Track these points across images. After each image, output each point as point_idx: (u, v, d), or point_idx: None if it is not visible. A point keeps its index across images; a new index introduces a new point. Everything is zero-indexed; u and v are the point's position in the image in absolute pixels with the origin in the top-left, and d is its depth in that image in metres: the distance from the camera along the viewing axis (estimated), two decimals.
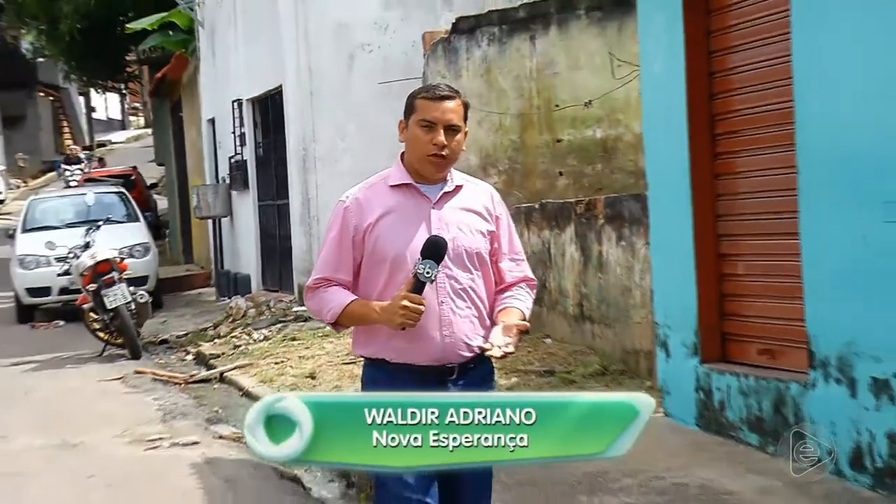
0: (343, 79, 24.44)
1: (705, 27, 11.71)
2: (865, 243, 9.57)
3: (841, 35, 9.85)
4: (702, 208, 11.72)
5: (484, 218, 6.38)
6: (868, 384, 9.67)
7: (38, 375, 21.43)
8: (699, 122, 11.71)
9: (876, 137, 9.44)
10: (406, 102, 6.35)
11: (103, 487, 12.67)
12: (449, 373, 6.27)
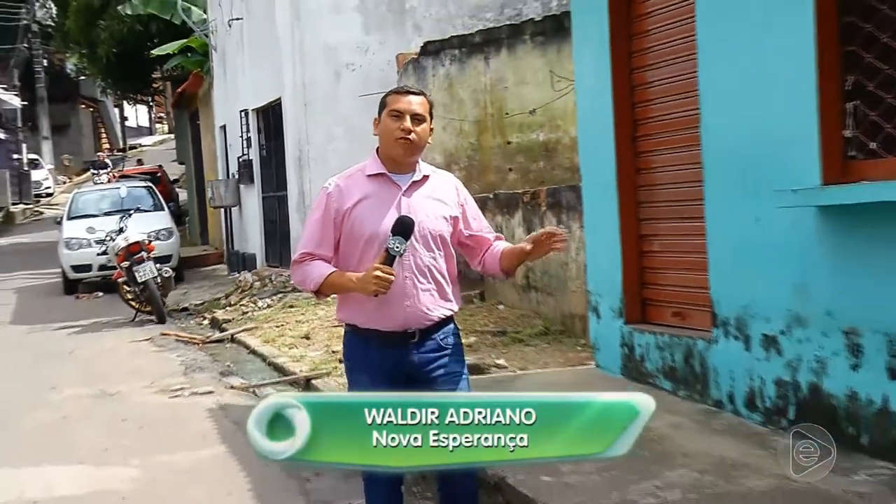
0: (331, 92, 24.42)
1: (628, 49, 11.73)
2: (758, 225, 9.62)
3: (734, 56, 9.89)
4: (625, 197, 11.76)
5: (448, 205, 6.35)
6: (760, 340, 9.75)
7: (81, 337, 21.38)
8: (623, 126, 11.74)
9: (764, 138, 9.50)
10: (380, 102, 6.39)
11: (135, 429, 12.68)
12: (410, 337, 6.22)
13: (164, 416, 13.47)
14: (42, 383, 16.28)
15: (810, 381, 9.19)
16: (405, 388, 6.12)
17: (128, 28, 39.17)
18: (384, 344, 6.17)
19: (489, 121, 20.93)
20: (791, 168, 9.09)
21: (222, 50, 31.51)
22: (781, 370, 9.52)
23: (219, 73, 32.59)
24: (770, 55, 9.37)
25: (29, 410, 14.40)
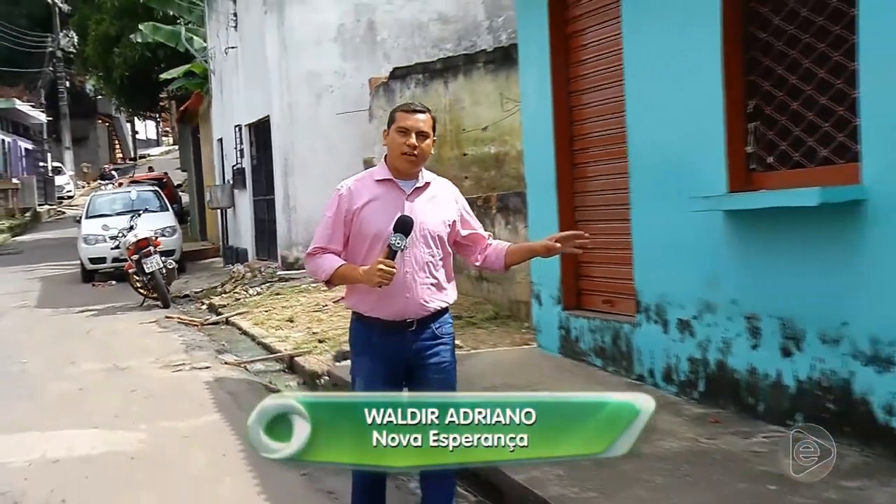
0: (313, 111, 24.37)
1: (566, 76, 11.74)
2: (675, 226, 9.68)
3: (655, 83, 9.92)
4: (563, 201, 11.78)
5: (447, 209, 6.28)
6: (675, 324, 9.81)
7: (97, 319, 21.30)
8: (562, 141, 11.75)
9: (680, 153, 9.55)
10: (389, 115, 6.28)
11: (142, 399, 12.67)
12: (409, 326, 6.08)
13: (168, 388, 13.45)
14: (63, 358, 16.25)
15: (717, 359, 9.26)
16: (403, 371, 6.09)
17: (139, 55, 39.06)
18: (385, 331, 6.05)
19: (448, 136, 20.90)
20: (702, 178, 9.14)
21: (219, 74, 31.43)
22: (693, 349, 9.60)
23: (216, 94, 32.50)
24: (685, 83, 9.43)
25: (51, 382, 14.36)
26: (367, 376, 6.01)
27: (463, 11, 24.36)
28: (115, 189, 39.13)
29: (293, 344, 15.69)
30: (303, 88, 24.48)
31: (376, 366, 6.01)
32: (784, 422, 8.39)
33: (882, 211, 7.38)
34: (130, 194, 33.25)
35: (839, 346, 7.84)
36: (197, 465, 9.58)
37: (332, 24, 24.42)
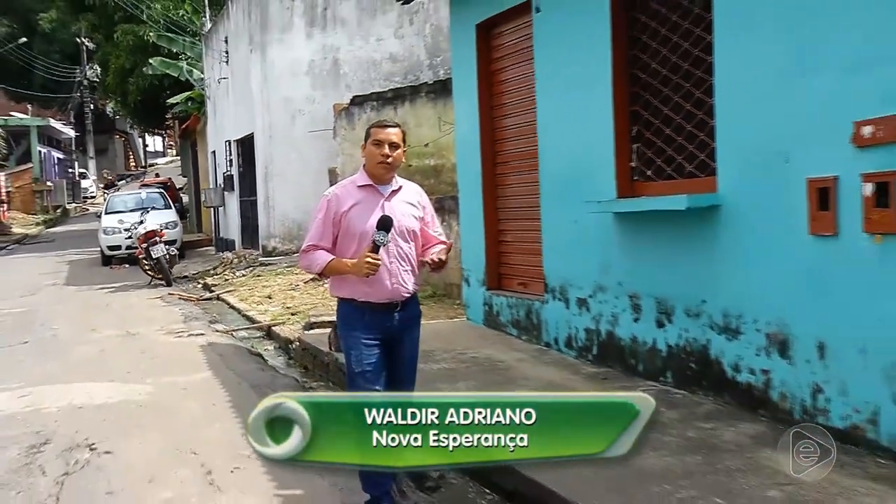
0: (288, 129, 24.29)
1: (490, 104, 11.71)
2: (575, 224, 9.69)
3: (561, 111, 9.92)
4: (488, 204, 11.77)
5: (416, 207, 6.17)
6: (575, 301, 9.84)
7: (114, 295, 21.16)
8: (487, 156, 11.74)
9: (579, 166, 9.56)
10: (365, 131, 6.17)
11: (149, 359, 12.60)
12: (395, 307, 6.00)
13: (170, 350, 13.39)
14: (86, 326, 16.13)
15: (607, 329, 9.31)
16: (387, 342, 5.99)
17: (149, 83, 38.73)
18: (375, 311, 5.92)
19: None
20: (597, 186, 9.18)
21: (213, 99, 31.25)
22: (589, 322, 9.63)
23: (210, 115, 32.31)
24: (584, 112, 9.45)
25: (77, 345, 14.27)
26: (362, 346, 5.90)
27: (409, 52, 24.36)
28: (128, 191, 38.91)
29: (271, 316, 15.63)
30: (280, 111, 24.40)
31: (368, 336, 5.91)
32: (658, 378, 8.49)
33: (732, 214, 7.47)
34: (141, 195, 33.06)
35: (699, 319, 7.91)
36: (192, 412, 9.55)
37: (304, 60, 24.35)
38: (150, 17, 36.24)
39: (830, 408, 6.57)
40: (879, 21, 6.08)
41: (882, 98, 6.05)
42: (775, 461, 6.11)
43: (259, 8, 24.36)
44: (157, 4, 36.35)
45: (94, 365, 12.51)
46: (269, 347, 13.64)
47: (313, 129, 23.95)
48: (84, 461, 7.85)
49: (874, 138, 6.12)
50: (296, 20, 24.38)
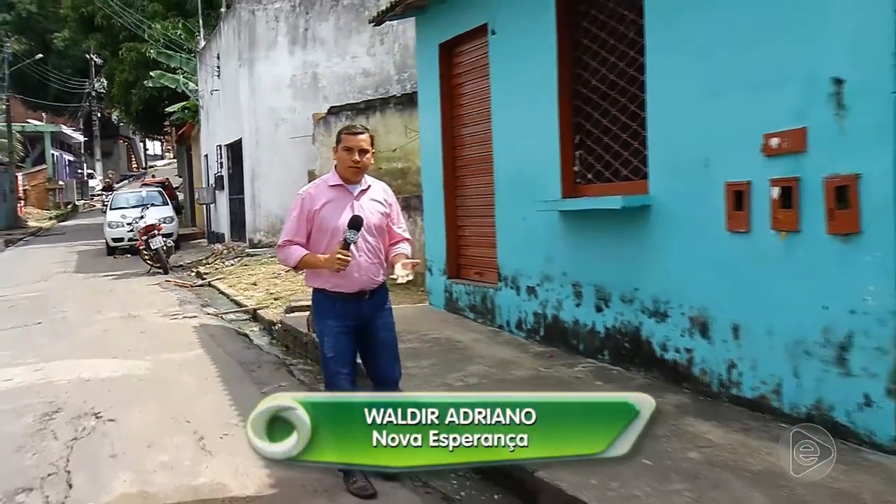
0: (272, 135, 24.19)
1: (450, 114, 11.73)
2: (525, 221, 9.72)
3: (513, 122, 9.95)
4: (449, 203, 11.79)
5: (383, 205, 6.00)
6: (525, 289, 9.87)
7: (117, 282, 21.03)
8: (448, 161, 11.77)
9: (529, 170, 9.59)
10: (336, 136, 6.02)
11: (148, 338, 12.54)
12: (363, 295, 5.85)
13: (166, 331, 13.32)
14: (92, 309, 16.03)
15: (553, 313, 9.35)
16: (359, 328, 5.85)
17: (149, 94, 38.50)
18: (346, 300, 5.79)
19: None
20: (544, 188, 9.22)
21: (206, 108, 31.06)
22: (537, 307, 9.68)
23: (204, 122, 32.11)
24: (533, 122, 9.49)
25: (84, 325, 14.18)
26: (335, 333, 5.77)
27: (380, 68, 24.31)
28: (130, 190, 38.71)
29: (256, 301, 15.55)
30: (265, 119, 24.30)
31: (339, 324, 5.79)
32: (596, 356, 8.53)
33: (661, 213, 7.52)
34: (141, 193, 32.84)
35: (633, 304, 7.97)
36: (186, 385, 9.51)
37: (286, 75, 24.26)
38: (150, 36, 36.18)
39: (742, 381, 6.65)
40: (784, 50, 6.16)
41: (786, 114, 6.13)
42: (696, 427, 6.19)
43: (247, 28, 24.27)
44: (157, 25, 36.30)
45: (99, 343, 12.45)
46: (255, 328, 13.58)
47: (294, 135, 23.88)
48: (91, 428, 7.84)
49: (780, 149, 6.20)
50: (280, 39, 24.30)
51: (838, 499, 4.79)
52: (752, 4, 6.50)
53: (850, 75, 5.70)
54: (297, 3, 24.55)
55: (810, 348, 6.02)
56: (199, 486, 6.09)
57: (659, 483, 5.08)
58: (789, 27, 6.14)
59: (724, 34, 6.77)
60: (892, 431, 5.45)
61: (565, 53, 9.01)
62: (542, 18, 9.21)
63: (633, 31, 7.99)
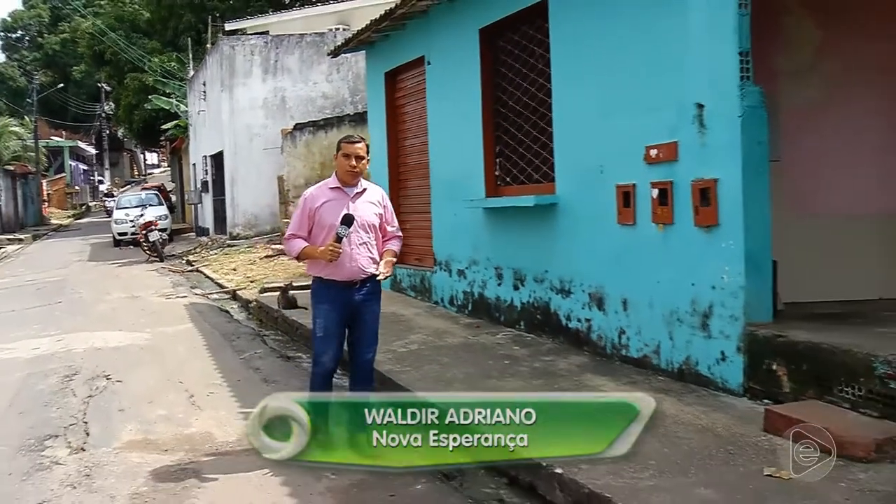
0: (248, 147, 23.91)
1: (395, 129, 11.69)
2: (455, 216, 9.73)
3: (445, 134, 9.97)
4: (393, 201, 11.39)
5: (377, 206, 5.61)
6: (456, 271, 9.88)
7: (122, 268, 20.70)
8: (392, 167, 11.73)
9: (459, 174, 9.60)
10: (337, 145, 5.64)
11: (148, 314, 12.37)
12: (354, 284, 5.46)
13: (163, 308, 13.15)
14: (103, 291, 15.78)
15: (479, 292, 9.36)
16: (349, 314, 5.45)
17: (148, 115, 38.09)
18: (339, 288, 5.42)
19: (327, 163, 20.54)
20: (471, 189, 9.23)
21: (195, 125, 30.65)
22: (465, 286, 9.68)
23: (192, 137, 31.68)
24: (461, 136, 9.48)
25: (96, 304, 13.96)
26: (326, 316, 5.42)
27: (336, 92, 24.15)
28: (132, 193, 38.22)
29: (235, 283, 15.38)
30: (242, 134, 24.03)
31: (332, 309, 5.43)
32: (514, 326, 8.56)
33: (565, 210, 7.57)
34: (141, 195, 32.37)
35: (543, 284, 8.01)
36: (179, 352, 9.42)
37: (260, 97, 24.01)
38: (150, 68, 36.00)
39: (630, 344, 6.72)
40: (661, 81, 6.22)
41: (663, 131, 6.19)
42: (594, 382, 6.23)
43: (228, 60, 24.03)
44: (155, 58, 36.20)
45: (108, 319, 12.27)
46: (234, 306, 13.43)
47: (266, 147, 23.69)
48: (103, 387, 7.76)
49: (658, 158, 6.26)
50: (254, 69, 24.08)
51: (700, 432, 4.86)
52: (635, 44, 6.54)
53: (708, 101, 5.78)
54: (269, 40, 24.37)
55: (681, 317, 6.10)
56: (190, 434, 6.05)
57: None
58: (664, 63, 6.20)
59: (615, 67, 6.82)
60: (741, 379, 5.54)
61: (487, 80, 9.03)
62: (469, 52, 9.21)
63: (541, 62, 8.02)
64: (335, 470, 5.05)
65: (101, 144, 69.65)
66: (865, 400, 4.68)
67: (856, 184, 6.86)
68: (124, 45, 39.66)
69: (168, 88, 34.05)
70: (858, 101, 6.86)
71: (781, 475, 4.08)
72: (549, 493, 4.37)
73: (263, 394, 7.07)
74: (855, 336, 5.19)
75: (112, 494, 4.86)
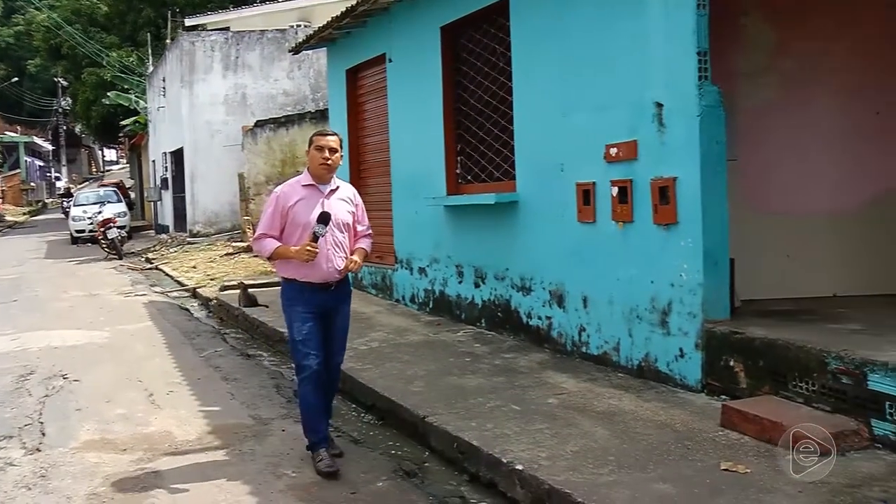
0: (208, 144, 23.73)
1: (356, 126, 11.67)
2: (417, 214, 9.74)
3: (406, 133, 9.98)
4: None
5: (349, 204, 5.35)
6: (417, 269, 9.88)
7: (80, 266, 20.47)
8: (353, 164, 11.66)
9: (420, 172, 9.61)
10: (309, 139, 5.39)
11: (106, 312, 12.25)
12: (330, 286, 5.18)
13: (122, 306, 13.02)
14: (60, 288, 15.58)
15: (440, 289, 9.38)
16: (323, 315, 5.20)
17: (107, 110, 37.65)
18: (313, 290, 5.16)
19: (287, 160, 20.56)
20: (433, 187, 9.24)
21: (154, 122, 30.31)
22: (427, 284, 9.69)
23: (152, 133, 31.33)
24: (423, 133, 9.49)
25: (53, 301, 13.82)
26: (302, 318, 5.13)
27: (298, 89, 24.04)
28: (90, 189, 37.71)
29: (195, 281, 15.27)
30: (203, 131, 23.85)
31: (307, 311, 5.16)
32: (475, 323, 8.58)
33: (526, 207, 7.60)
34: (99, 192, 31.96)
35: (504, 281, 8.04)
36: (138, 350, 9.32)
37: (220, 93, 23.82)
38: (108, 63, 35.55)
39: (590, 341, 6.76)
40: (620, 80, 6.27)
41: (622, 129, 6.24)
42: (554, 379, 6.27)
43: (188, 56, 23.80)
44: (114, 53, 35.73)
45: (66, 317, 12.12)
46: (194, 304, 13.34)
47: (227, 144, 23.52)
48: (59, 387, 7.64)
49: (618, 156, 6.31)
50: (215, 65, 23.88)
51: (659, 428, 4.90)
52: (595, 42, 6.59)
53: (667, 101, 5.83)
54: (230, 36, 24.20)
55: (641, 314, 6.15)
56: (149, 434, 5.98)
57: (525, 423, 5.14)
58: (624, 62, 6.24)
59: (575, 66, 6.86)
60: (699, 375, 5.61)
61: (449, 78, 9.04)
62: (430, 50, 9.22)
63: (503, 61, 8.05)
64: (296, 468, 5.10)
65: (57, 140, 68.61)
66: (819, 395, 4.76)
67: (811, 183, 6.97)
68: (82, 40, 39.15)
69: (127, 84, 33.71)
70: (814, 102, 6.97)
71: (738, 469, 4.14)
72: (510, 490, 4.40)
73: (224, 392, 7.15)
74: (809, 333, 5.28)
75: (68, 495, 4.79)
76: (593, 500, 3.88)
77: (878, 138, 7.05)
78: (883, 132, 7.05)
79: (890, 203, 7.07)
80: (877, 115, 7.05)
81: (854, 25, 6.97)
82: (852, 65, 6.97)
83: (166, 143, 27.85)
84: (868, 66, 6.98)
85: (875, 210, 7.05)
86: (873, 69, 6.99)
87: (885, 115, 7.06)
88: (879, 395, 4.41)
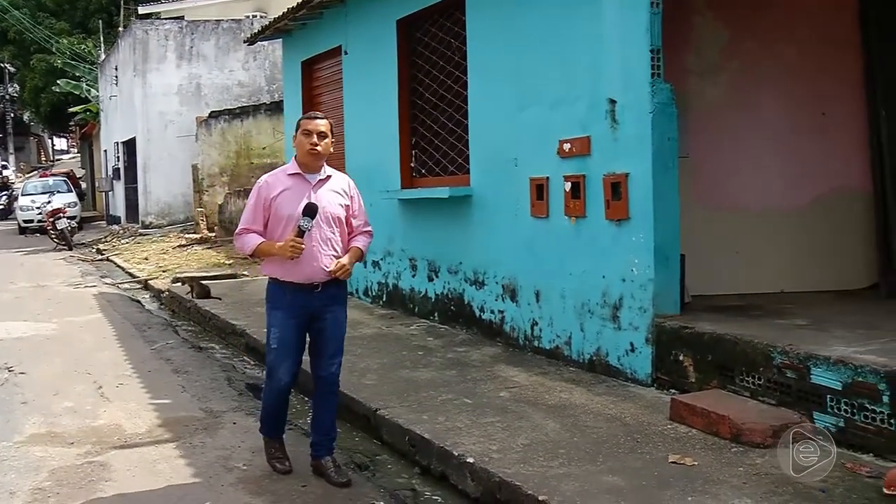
0: (161, 134, 23.53)
1: None
2: (373, 207, 9.61)
3: (361, 126, 9.95)
4: None
5: (343, 196, 4.82)
6: (371, 263, 9.74)
7: (27, 257, 20.13)
8: None
9: (376, 165, 9.57)
10: (296, 124, 4.90)
11: (55, 303, 12.06)
12: (315, 287, 4.64)
13: (70, 298, 12.83)
14: (6, 279, 15.29)
15: (393, 283, 9.38)
16: (307, 320, 4.71)
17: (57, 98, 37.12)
18: (296, 291, 4.65)
19: (242, 152, 20.48)
20: (387, 180, 9.22)
21: (106, 110, 29.92)
22: (380, 277, 9.68)
23: (103, 122, 30.94)
24: (378, 126, 9.46)
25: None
26: (281, 325, 4.70)
27: (253, 80, 23.89)
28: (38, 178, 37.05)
29: (147, 273, 15.12)
30: (156, 121, 23.63)
31: (288, 316, 4.69)
32: (428, 317, 8.59)
33: (480, 202, 7.63)
34: (48, 181, 31.54)
35: (457, 275, 8.06)
36: (87, 342, 9.19)
37: (174, 83, 23.62)
38: (58, 49, 34.92)
39: (542, 335, 6.81)
40: (574, 76, 6.32)
41: (576, 125, 6.29)
42: (506, 372, 6.31)
43: (141, 45, 23.54)
44: (64, 40, 35.12)
45: (12, 308, 11.89)
46: (146, 296, 13.20)
47: (180, 134, 23.31)
48: (4, 379, 7.49)
49: (571, 152, 6.36)
50: (169, 55, 23.64)
51: (609, 421, 4.96)
52: (550, 38, 6.63)
53: (620, 97, 5.89)
54: (184, 25, 23.99)
55: (592, 308, 6.21)
56: (98, 427, 5.90)
57: (477, 417, 5.16)
58: (578, 58, 6.29)
59: (529, 61, 6.90)
60: (649, 369, 5.68)
61: (404, 72, 9.03)
62: (386, 43, 9.20)
63: (458, 55, 8.06)
64: (247, 461, 5.06)
65: (4, 128, 67.31)
66: (764, 388, 4.85)
67: (761, 180, 7.09)
68: (30, 25, 38.42)
69: (78, 72, 33.18)
70: (764, 101, 7.09)
71: (685, 462, 4.20)
72: (461, 483, 4.43)
73: (175, 385, 7.09)
74: (756, 328, 5.37)
75: (11, 490, 4.69)
76: (543, 492, 3.91)
77: (823, 138, 7.19)
78: (828, 132, 7.20)
79: (834, 201, 7.23)
80: (822, 115, 7.19)
81: (801, 27, 7.10)
82: (799, 66, 7.09)
83: (119, 132, 27.51)
84: (814, 68, 7.12)
85: (820, 208, 7.20)
86: (819, 71, 7.13)
87: (830, 116, 7.21)
88: (821, 389, 4.50)
